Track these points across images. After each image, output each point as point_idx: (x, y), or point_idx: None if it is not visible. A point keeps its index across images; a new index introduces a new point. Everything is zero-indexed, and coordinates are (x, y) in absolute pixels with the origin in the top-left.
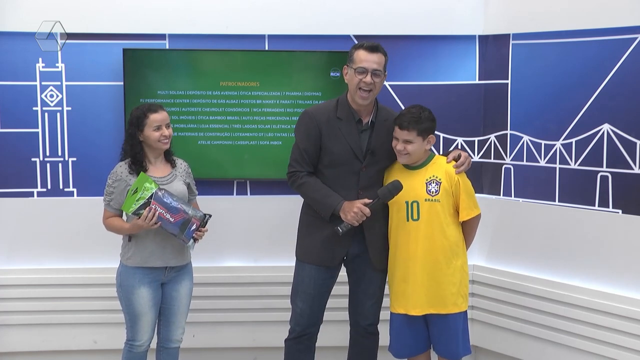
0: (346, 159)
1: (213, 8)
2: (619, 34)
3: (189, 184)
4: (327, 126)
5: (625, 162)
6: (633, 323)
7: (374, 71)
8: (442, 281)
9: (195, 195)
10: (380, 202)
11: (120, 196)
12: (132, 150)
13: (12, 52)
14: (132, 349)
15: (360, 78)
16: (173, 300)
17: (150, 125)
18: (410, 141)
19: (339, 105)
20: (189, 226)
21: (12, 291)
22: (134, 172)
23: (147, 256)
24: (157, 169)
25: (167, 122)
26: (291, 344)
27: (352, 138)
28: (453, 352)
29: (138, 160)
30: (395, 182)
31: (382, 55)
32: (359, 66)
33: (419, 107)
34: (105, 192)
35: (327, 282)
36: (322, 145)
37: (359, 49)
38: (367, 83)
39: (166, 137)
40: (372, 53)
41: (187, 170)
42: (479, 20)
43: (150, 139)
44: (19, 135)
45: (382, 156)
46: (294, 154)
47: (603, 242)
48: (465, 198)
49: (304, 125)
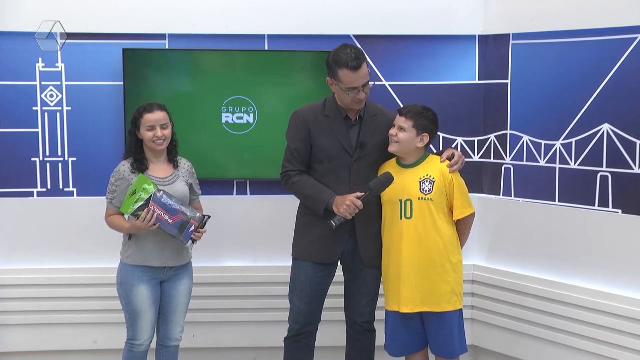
0: (336, 154)
1: (213, 8)
2: (619, 34)
3: (192, 184)
4: (316, 123)
5: (625, 162)
6: (633, 323)
7: (363, 86)
8: (436, 279)
9: (198, 195)
10: (372, 194)
11: (123, 195)
12: (131, 148)
13: (12, 52)
14: (132, 349)
15: (353, 96)
16: (172, 299)
17: (144, 125)
18: (404, 129)
19: (327, 104)
20: (188, 227)
21: (12, 291)
22: (136, 171)
23: (147, 255)
24: (159, 169)
25: (163, 122)
26: (290, 343)
27: (341, 133)
28: (449, 350)
29: (139, 159)
30: (387, 174)
31: (364, 62)
32: (348, 87)
33: (426, 107)
34: (108, 190)
35: (324, 280)
36: (312, 142)
37: (343, 69)
38: (362, 99)
39: (159, 138)
40: (357, 71)
41: (190, 171)
42: (479, 20)
43: (145, 139)
44: (19, 135)
45: (372, 150)
46: (286, 154)
47: (603, 242)
48: (459, 197)
49: (293, 125)
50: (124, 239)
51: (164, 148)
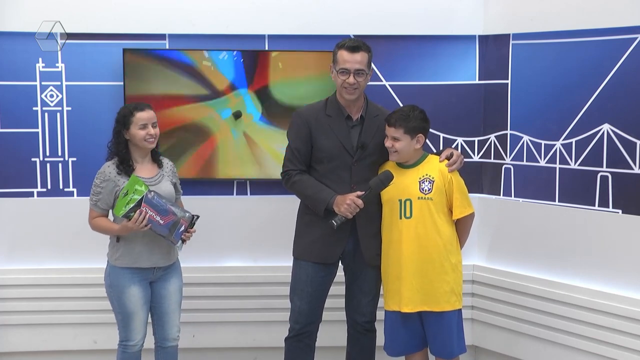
0: (337, 154)
1: (213, 8)
2: (619, 34)
3: (175, 183)
4: (317, 123)
5: (625, 162)
6: (633, 323)
7: (356, 71)
8: (435, 279)
9: (180, 194)
10: (372, 192)
11: (109, 196)
12: (117, 149)
13: (12, 52)
14: (126, 350)
15: (343, 79)
16: (163, 299)
17: (136, 124)
18: (398, 139)
19: (328, 104)
20: (178, 227)
21: (12, 291)
22: (122, 172)
23: (136, 257)
24: (144, 169)
25: (154, 121)
26: (291, 343)
27: (342, 133)
28: (448, 350)
29: (125, 159)
30: (387, 172)
31: (365, 53)
32: (341, 67)
33: (410, 107)
34: (92, 192)
35: (324, 280)
36: (313, 142)
37: (341, 49)
38: (350, 84)
39: (152, 136)
40: (354, 53)
41: (172, 170)
42: (479, 20)
43: (136, 137)
44: (19, 135)
45: (373, 151)
46: (287, 154)
47: (603, 242)
48: (459, 196)
49: (294, 124)
50: (111, 240)
51: (154, 146)
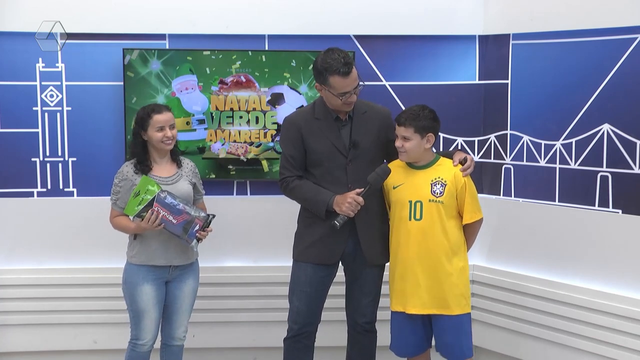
0: (330, 155)
1: (213, 8)
2: (619, 34)
3: (195, 183)
4: (307, 127)
5: (625, 162)
6: (633, 323)
7: (354, 89)
8: (444, 282)
9: (201, 195)
10: (371, 188)
11: (127, 195)
12: (135, 149)
13: (12, 52)
14: (135, 348)
15: (344, 100)
16: (176, 299)
17: (154, 126)
18: (408, 138)
19: (316, 107)
20: (192, 226)
21: (12, 291)
22: (139, 171)
23: (151, 254)
24: (162, 169)
25: (171, 123)
26: (290, 343)
27: (333, 134)
28: (457, 353)
29: (142, 160)
30: (384, 166)
31: (354, 66)
32: (340, 92)
33: (420, 106)
34: (112, 191)
35: (324, 281)
36: (305, 146)
37: (334, 75)
38: (353, 101)
39: (169, 139)
40: (347, 76)
41: (193, 170)
42: (479, 20)
43: (153, 139)
44: (19, 135)
45: (366, 148)
46: (282, 161)
47: (603, 242)
48: (470, 201)
49: (285, 131)
50: (129, 239)
51: (171, 147)
